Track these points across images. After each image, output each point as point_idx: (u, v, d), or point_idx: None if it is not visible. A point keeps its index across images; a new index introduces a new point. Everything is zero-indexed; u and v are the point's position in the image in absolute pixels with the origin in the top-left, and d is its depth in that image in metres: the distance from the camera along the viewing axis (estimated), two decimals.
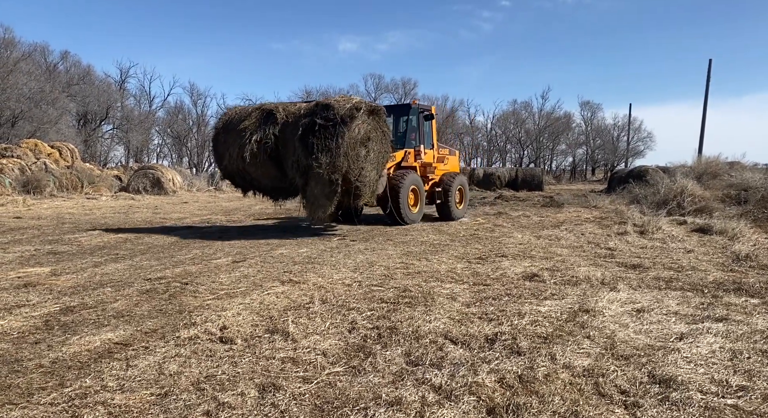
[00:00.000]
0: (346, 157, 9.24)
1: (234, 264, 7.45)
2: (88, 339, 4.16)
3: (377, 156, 10.15)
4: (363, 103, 9.73)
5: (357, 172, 9.51)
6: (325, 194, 9.38)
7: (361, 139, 9.60)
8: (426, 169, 13.24)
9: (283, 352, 3.89)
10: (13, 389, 3.24)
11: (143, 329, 4.45)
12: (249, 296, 5.51)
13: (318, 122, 9.37)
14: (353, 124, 9.38)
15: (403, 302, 5.25)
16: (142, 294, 5.69)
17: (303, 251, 8.55)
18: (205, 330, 4.35)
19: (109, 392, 3.17)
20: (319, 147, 9.26)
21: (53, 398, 3.08)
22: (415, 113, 13.42)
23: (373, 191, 10.25)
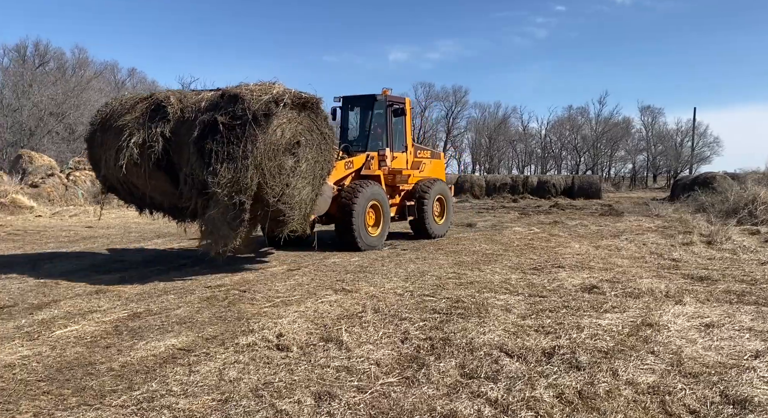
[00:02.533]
0: (259, 169, 6.65)
1: (289, 272, 7.62)
2: (153, 344, 4.37)
3: (312, 167, 7.59)
4: (287, 94, 6.98)
5: (278, 189, 6.95)
6: (226, 222, 6.65)
7: (285, 145, 7.05)
8: (395, 177, 10.69)
9: (337, 360, 3.93)
10: (87, 391, 3.44)
11: (204, 335, 4.62)
12: (303, 304, 5.62)
13: (220, 120, 6.59)
14: (272, 124, 6.75)
15: (456, 312, 5.20)
16: (203, 301, 5.92)
17: (355, 260, 8.63)
18: (262, 337, 4.46)
19: (173, 396, 3.31)
20: (220, 155, 6.51)
21: (123, 401, 3.24)
22: (381, 107, 10.90)
23: (306, 214, 7.64)
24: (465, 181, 29.23)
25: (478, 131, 62.24)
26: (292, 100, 7.07)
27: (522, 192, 28.84)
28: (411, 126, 11.83)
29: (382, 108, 10.90)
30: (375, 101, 10.81)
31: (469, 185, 28.89)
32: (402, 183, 10.96)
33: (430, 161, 12.24)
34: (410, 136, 11.63)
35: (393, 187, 10.84)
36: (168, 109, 7.13)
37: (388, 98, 10.82)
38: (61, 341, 4.50)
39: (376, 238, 9.96)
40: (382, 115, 10.93)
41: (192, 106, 7.12)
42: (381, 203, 10.04)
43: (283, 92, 6.98)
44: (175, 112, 7.13)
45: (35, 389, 3.46)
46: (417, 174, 11.53)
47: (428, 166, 12.09)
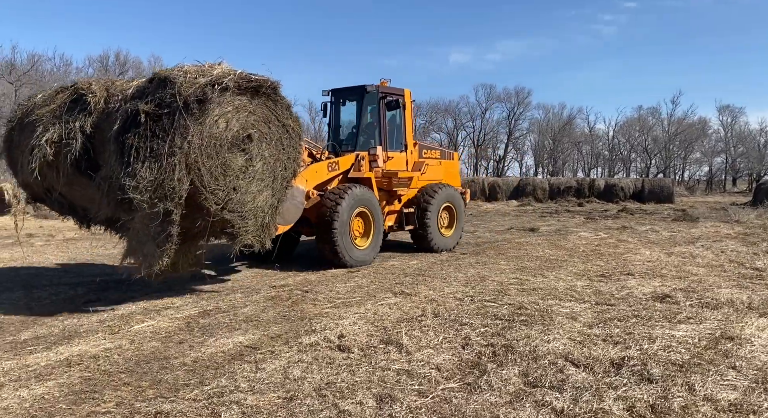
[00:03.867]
0: (193, 170, 5.44)
1: (348, 274, 7.74)
2: (222, 341, 4.56)
3: (272, 166, 6.27)
4: (231, 75, 5.75)
5: (222, 195, 5.70)
6: (150, 236, 5.43)
7: (231, 140, 5.83)
8: (390, 181, 9.31)
9: (398, 363, 3.95)
10: (162, 384, 3.64)
11: (269, 333, 4.78)
12: (363, 306, 5.69)
13: (143, 109, 5.41)
14: (210, 113, 5.56)
15: (519, 319, 5.09)
16: (268, 300, 6.12)
17: (413, 263, 8.63)
18: (324, 337, 4.56)
19: (241, 392, 3.44)
20: (141, 153, 5.35)
21: (195, 395, 3.41)
22: (373, 100, 9.52)
23: (265, 225, 6.28)
24: (527, 185, 28.55)
25: (542, 133, 60.60)
26: (237, 83, 5.78)
27: (588, 196, 27.82)
28: (412, 122, 10.24)
29: (374, 101, 9.51)
30: (365, 93, 9.36)
31: (531, 188, 28.21)
32: (401, 187, 9.57)
33: (438, 163, 10.73)
34: (411, 133, 10.07)
35: (390, 193, 9.52)
36: (89, 100, 5.92)
37: (380, 89, 9.41)
38: (139, 336, 4.80)
39: (364, 251, 8.51)
40: (375, 110, 9.56)
41: (117, 96, 5.94)
42: (371, 210, 8.60)
43: (225, 73, 5.73)
44: (98, 102, 5.93)
45: (117, 380, 3.71)
46: (422, 177, 10.03)
47: (436, 169, 10.58)
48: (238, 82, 5.80)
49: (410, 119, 10.05)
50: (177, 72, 5.63)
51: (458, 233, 10.54)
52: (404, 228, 9.66)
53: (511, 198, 27.29)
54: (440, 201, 9.91)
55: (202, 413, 3.14)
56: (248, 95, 5.98)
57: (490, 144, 59.33)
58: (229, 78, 5.68)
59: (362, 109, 9.56)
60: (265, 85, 6.07)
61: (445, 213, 10.26)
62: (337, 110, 10.14)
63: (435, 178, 10.38)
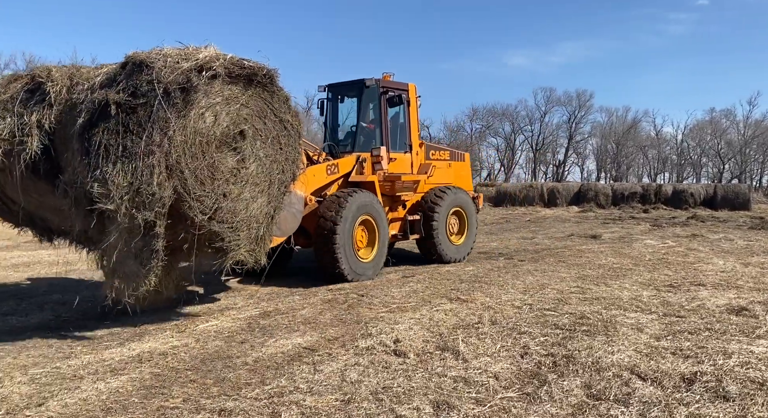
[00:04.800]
0: (175, 172, 4.65)
1: (404, 279, 7.75)
2: (282, 342, 4.69)
3: (268, 168, 5.49)
4: (220, 60, 4.95)
5: (210, 202, 4.88)
6: (132, 253, 4.69)
7: (221, 136, 5.02)
8: (394, 184, 8.53)
9: (454, 370, 3.91)
10: (226, 382, 3.78)
11: (326, 336, 4.86)
12: (419, 312, 5.68)
13: (113, 99, 4.58)
14: (195, 104, 4.76)
15: (581, 329, 4.92)
16: (325, 303, 6.23)
17: (469, 269, 8.53)
18: (380, 342, 4.59)
19: (300, 393, 3.52)
20: (112, 152, 4.52)
21: (257, 394, 3.52)
22: (373, 95, 8.73)
23: (260, 237, 5.47)
24: (588, 190, 27.58)
25: (604, 137, 58.48)
26: (228, 69, 4.97)
27: (654, 202, 26.53)
28: (417, 120, 9.40)
29: (374, 97, 8.72)
30: (364, 88, 8.59)
31: (593, 194, 27.22)
32: (405, 191, 8.75)
33: (447, 165, 9.88)
34: (416, 131, 9.29)
35: (393, 198, 8.69)
36: (48, 89, 4.97)
37: (381, 84, 8.63)
38: (204, 335, 5.01)
39: (368, 264, 7.79)
40: (375, 106, 8.77)
41: (83, 85, 4.96)
42: (375, 218, 7.86)
43: (213, 58, 4.90)
44: (59, 92, 4.97)
45: (183, 377, 3.88)
46: (429, 181, 9.26)
47: (445, 171, 9.75)
48: (229, 69, 5.00)
49: (415, 117, 9.26)
50: (155, 55, 4.79)
51: (470, 241, 9.72)
52: (409, 237, 8.84)
53: (571, 204, 26.45)
54: (448, 206, 9.12)
55: (264, 412, 3.24)
56: (241, 85, 5.19)
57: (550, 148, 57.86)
58: (219, 63, 4.89)
59: (362, 105, 8.77)
60: (259, 73, 5.27)
61: (455, 219, 9.48)
62: (335, 107, 9.39)
63: (444, 182, 9.57)
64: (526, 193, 26.65)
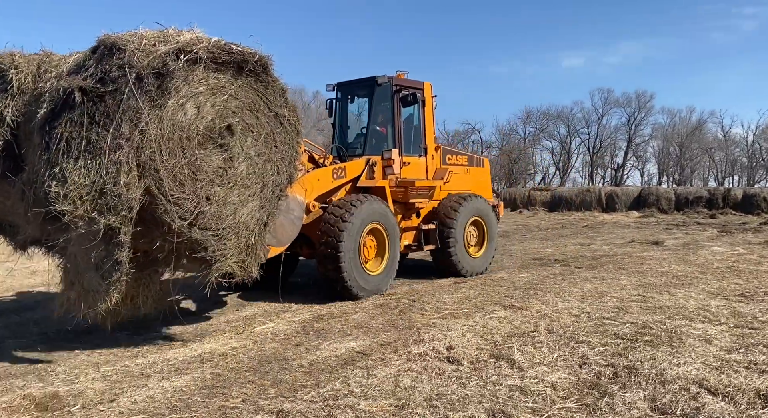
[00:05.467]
0: (148, 170, 4.13)
1: (455, 285, 7.69)
2: (335, 346, 4.76)
3: (260, 169, 4.96)
4: (203, 43, 4.38)
5: (191, 205, 4.32)
6: (92, 264, 4.12)
7: (205, 131, 4.48)
8: (407, 191, 7.98)
9: (509, 379, 3.84)
10: (282, 383, 3.88)
11: (379, 341, 4.89)
12: (472, 319, 5.61)
13: (78, 86, 4.06)
14: (173, 93, 4.24)
15: (643, 339, 4.72)
16: (377, 308, 6.27)
17: (524, 276, 8.35)
18: (433, 348, 4.57)
19: (354, 397, 3.56)
20: (74, 146, 4.02)
21: (312, 397, 3.59)
22: (385, 94, 8.10)
23: (251, 246, 4.88)
24: (649, 194, 26.41)
25: (667, 139, 55.87)
26: (212, 54, 4.40)
27: (722, 207, 25.09)
28: (434, 121, 8.72)
29: (387, 96, 8.10)
30: (376, 86, 8.00)
31: (654, 199, 26.05)
32: (419, 198, 8.18)
33: (465, 170, 9.27)
34: (432, 133, 8.64)
35: (406, 205, 8.14)
36: (11, 77, 4.47)
37: (394, 82, 8.03)
38: (261, 337, 5.15)
39: (377, 277, 7.08)
40: (387, 106, 8.14)
41: (53, 72, 4.46)
42: (386, 228, 7.19)
43: (195, 41, 4.33)
44: (23, 81, 4.48)
45: (242, 378, 4.01)
46: (445, 187, 8.67)
47: (462, 177, 9.13)
48: (214, 54, 4.42)
49: (431, 118, 8.60)
50: (129, 37, 4.25)
51: (490, 253, 9.01)
52: (423, 248, 8.18)
53: (630, 209, 25.42)
54: (467, 214, 8.43)
55: (320, 414, 3.29)
56: (229, 73, 4.66)
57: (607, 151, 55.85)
58: (201, 47, 4.32)
59: (373, 105, 8.15)
60: (250, 60, 4.68)
61: (474, 229, 8.79)
62: (344, 108, 8.80)
63: (461, 189, 8.97)
64: (583, 198, 25.85)
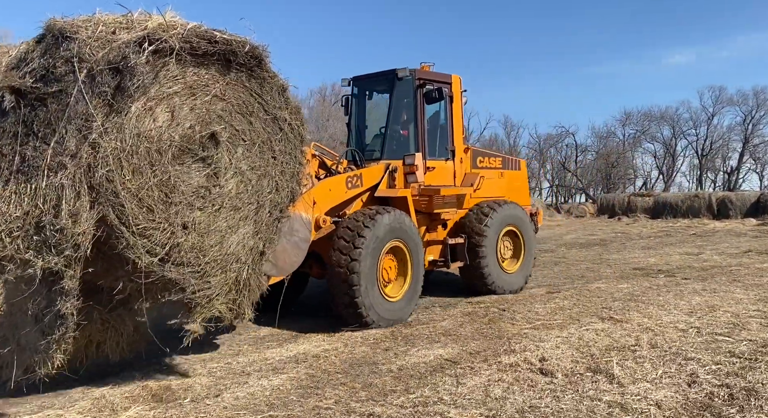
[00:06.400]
0: (103, 196, 3.29)
1: (548, 295, 7.41)
2: (424, 352, 4.77)
3: (255, 186, 4.15)
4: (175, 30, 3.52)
5: (162, 237, 3.53)
6: (32, 317, 3.42)
7: (180, 141, 3.67)
8: (432, 200, 6.82)
9: (608, 395, 3.64)
10: (373, 387, 3.96)
11: (468, 349, 4.84)
12: (566, 330, 5.39)
13: (14, 86, 3.27)
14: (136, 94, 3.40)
15: (764, 359, 4.27)
16: (465, 316, 6.21)
17: (623, 286, 7.86)
18: (524, 359, 4.45)
19: (444, 404, 3.55)
20: (5, 165, 3.26)
21: (402, 402, 3.62)
22: (407, 90, 7.12)
23: (242, 282, 4.08)
24: None
25: None
26: (191, 45, 3.52)
27: None
28: (462, 119, 7.74)
29: (409, 91, 7.10)
30: (396, 80, 6.99)
31: None
32: (445, 208, 7.02)
33: (499, 174, 8.17)
34: (460, 133, 7.65)
35: (431, 216, 7.02)
36: None
37: (417, 75, 7.03)
38: (351, 340, 5.29)
39: (398, 304, 6.01)
40: (410, 103, 7.18)
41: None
42: (407, 244, 6.14)
43: (166, 27, 3.46)
44: None
45: (335, 380, 4.14)
46: (475, 195, 7.56)
47: (495, 183, 8.07)
48: (191, 43, 3.50)
49: (460, 116, 7.63)
50: (82, 23, 3.38)
51: (527, 268, 7.95)
52: (450, 265, 7.12)
53: (747, 216, 23.07)
54: (500, 224, 7.38)
55: None
56: (213, 68, 3.77)
57: (719, 154, 51.11)
58: (174, 34, 3.41)
59: (393, 102, 7.10)
60: (239, 50, 3.77)
61: (508, 241, 7.73)
62: (361, 105, 7.80)
63: (494, 195, 7.88)
64: (690, 204, 23.87)
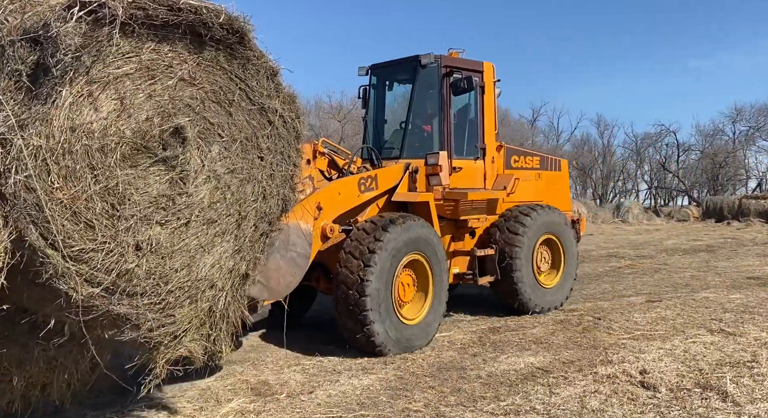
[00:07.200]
0: (20, 211, 2.44)
1: (648, 304, 6.97)
2: (513, 359, 4.67)
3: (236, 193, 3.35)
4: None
5: (107, 261, 2.70)
6: None
7: (133, 138, 2.86)
8: (458, 205, 5.95)
9: (721, 414, 3.37)
10: (462, 393, 3.93)
11: (561, 358, 4.67)
12: (669, 342, 5.05)
13: None
14: (67, 77, 2.53)
15: None
16: (557, 323, 5.99)
17: (735, 296, 7.21)
18: (623, 371, 4.22)
19: (537, 414, 3.45)
20: None
21: (492, 409, 3.57)
22: (432, 79, 6.22)
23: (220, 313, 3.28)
24: None
25: None
26: (145, 11, 2.76)
27: None
28: (495, 112, 6.79)
29: (433, 80, 6.20)
30: (419, 68, 6.07)
31: None
32: (474, 214, 6.12)
33: (536, 175, 7.18)
34: (492, 129, 6.69)
35: (457, 223, 6.18)
36: None
37: (443, 62, 6.12)
38: (438, 344, 5.29)
39: (417, 327, 5.17)
40: (434, 94, 6.27)
41: None
42: (429, 257, 5.27)
43: None
44: None
45: (423, 383, 4.16)
46: (509, 199, 6.62)
47: (532, 185, 7.07)
48: (147, 11, 2.77)
49: (492, 109, 6.67)
50: None
51: (568, 281, 6.89)
52: (478, 280, 6.14)
53: None
54: (536, 232, 6.42)
55: None
56: (180, 44, 3.00)
57: None
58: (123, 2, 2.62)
59: (416, 93, 6.20)
60: (212, 20, 2.99)
61: (545, 250, 6.74)
62: (380, 97, 6.87)
63: (530, 199, 6.90)
64: None
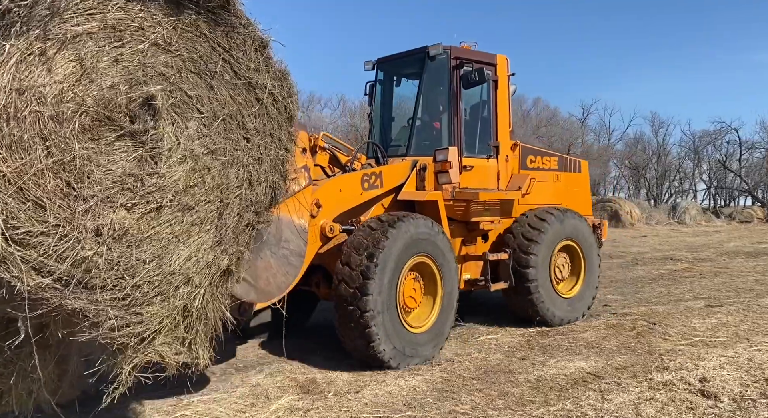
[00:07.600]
0: None
1: (708, 309, 6.66)
2: (563, 364, 4.56)
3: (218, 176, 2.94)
4: None
5: (59, 247, 2.35)
6: None
7: (96, 107, 2.53)
8: (469, 206, 5.55)
9: None
10: (509, 396, 3.87)
11: (613, 363, 4.53)
12: (732, 349, 4.81)
13: None
14: (13, 32, 2.28)
15: None
16: (609, 328, 5.81)
17: None
18: (680, 378, 4.07)
19: None
20: None
21: (541, 414, 3.50)
22: (440, 72, 5.91)
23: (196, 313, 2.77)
24: None
25: None
26: None
27: None
28: (509, 108, 6.36)
29: (442, 73, 5.88)
30: (427, 60, 5.79)
31: None
32: (486, 216, 5.74)
33: (555, 176, 6.69)
34: (506, 125, 6.26)
35: (468, 226, 5.78)
36: None
37: (452, 54, 5.79)
38: (485, 346, 5.22)
39: (424, 335, 4.79)
40: (444, 88, 5.95)
41: None
42: (437, 261, 4.91)
43: None
44: None
45: (470, 385, 4.12)
46: (524, 200, 6.18)
47: (550, 186, 6.60)
48: None
49: (506, 104, 6.27)
50: None
51: (589, 290, 6.40)
52: (491, 286, 5.71)
53: None
54: (554, 238, 5.98)
55: None
56: (154, 4, 2.74)
57: None
58: None
59: (424, 87, 5.91)
60: None
61: (565, 257, 6.28)
62: (387, 92, 6.60)
63: (548, 202, 6.47)
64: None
